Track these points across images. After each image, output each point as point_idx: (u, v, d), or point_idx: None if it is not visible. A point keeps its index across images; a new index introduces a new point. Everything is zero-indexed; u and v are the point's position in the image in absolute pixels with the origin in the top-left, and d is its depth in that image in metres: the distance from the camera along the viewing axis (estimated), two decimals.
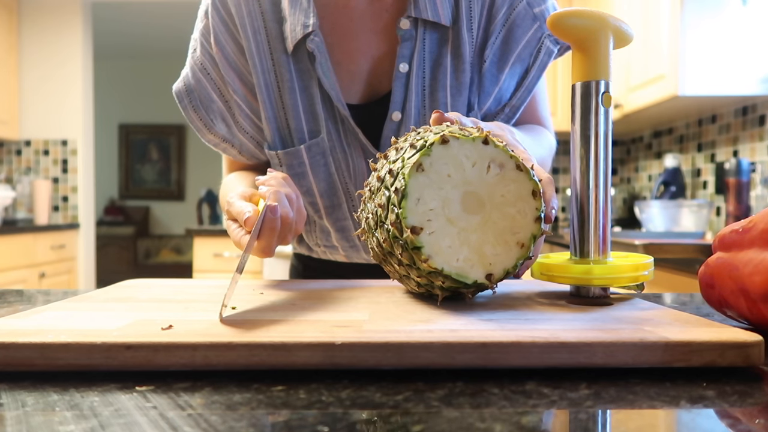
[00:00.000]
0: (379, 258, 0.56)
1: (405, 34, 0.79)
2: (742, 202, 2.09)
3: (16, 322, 0.43)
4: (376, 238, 0.54)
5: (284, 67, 0.80)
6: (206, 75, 0.84)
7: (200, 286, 0.63)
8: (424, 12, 0.79)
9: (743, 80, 2.11)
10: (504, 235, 0.51)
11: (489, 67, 0.82)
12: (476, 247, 0.50)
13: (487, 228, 0.51)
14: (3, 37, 3.76)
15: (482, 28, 0.82)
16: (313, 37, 0.78)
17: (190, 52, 0.87)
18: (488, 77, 0.82)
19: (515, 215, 0.51)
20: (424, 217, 0.49)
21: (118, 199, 6.89)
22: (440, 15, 0.79)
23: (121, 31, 5.66)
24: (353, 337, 0.38)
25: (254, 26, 0.80)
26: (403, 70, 0.79)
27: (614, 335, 0.39)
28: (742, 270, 0.46)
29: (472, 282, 0.50)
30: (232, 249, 3.19)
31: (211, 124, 0.85)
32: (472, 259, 0.50)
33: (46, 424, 0.30)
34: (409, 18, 0.79)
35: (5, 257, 3.27)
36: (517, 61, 0.82)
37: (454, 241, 0.50)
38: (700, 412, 0.33)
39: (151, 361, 0.37)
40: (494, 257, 0.50)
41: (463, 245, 0.50)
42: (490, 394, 0.35)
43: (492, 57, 0.82)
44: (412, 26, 0.80)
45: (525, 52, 0.83)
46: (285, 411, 0.32)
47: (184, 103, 0.85)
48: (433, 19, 0.79)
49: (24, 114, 3.99)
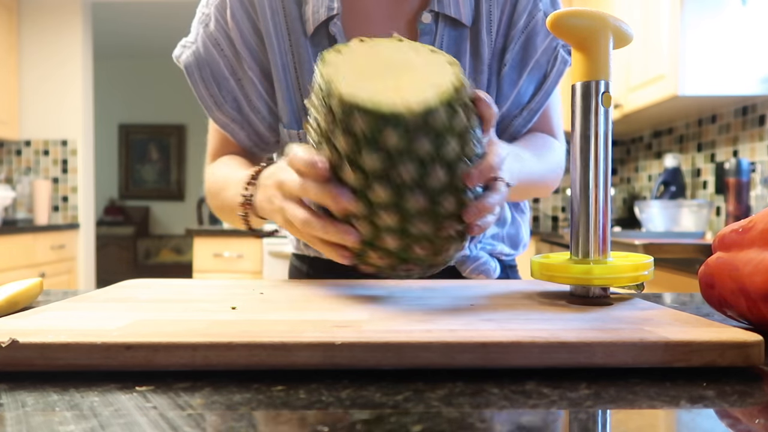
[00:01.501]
0: (319, 140, 0.52)
1: (425, 28, 0.80)
2: (742, 202, 2.09)
3: (16, 322, 0.43)
4: (316, 120, 0.52)
5: (303, 48, 0.80)
6: (220, 51, 0.82)
7: (200, 286, 0.63)
8: (447, 8, 0.79)
9: (743, 80, 2.11)
10: (425, 82, 0.50)
11: (508, 71, 0.83)
12: (395, 87, 0.49)
13: (410, 79, 0.50)
14: (3, 37, 3.76)
15: (502, 33, 0.83)
16: (336, 20, 0.78)
17: (200, 25, 0.85)
18: (507, 81, 0.84)
19: (435, 72, 0.51)
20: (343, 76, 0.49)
21: (118, 199, 6.89)
22: (461, 13, 0.80)
23: (121, 31, 5.66)
24: (353, 337, 0.38)
25: (273, 6, 0.80)
26: None
27: (614, 335, 0.39)
28: (742, 270, 0.46)
29: (389, 112, 0.47)
30: (232, 249, 3.19)
31: (222, 102, 0.84)
32: (390, 92, 0.48)
33: (46, 424, 0.30)
34: (431, 12, 0.80)
35: (5, 257, 3.27)
36: (535, 66, 0.84)
37: (377, 86, 0.49)
38: (700, 412, 0.33)
39: (151, 361, 0.37)
40: (413, 94, 0.48)
41: (385, 87, 0.49)
42: (490, 394, 0.35)
43: (511, 62, 0.83)
44: (433, 21, 0.80)
45: (543, 59, 0.84)
46: (285, 411, 0.32)
47: (195, 77, 0.83)
48: (455, 15, 0.80)
49: (24, 114, 3.99)
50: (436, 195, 0.49)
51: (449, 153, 0.49)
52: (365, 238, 0.51)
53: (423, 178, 0.48)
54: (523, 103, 0.85)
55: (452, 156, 0.49)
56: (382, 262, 0.52)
